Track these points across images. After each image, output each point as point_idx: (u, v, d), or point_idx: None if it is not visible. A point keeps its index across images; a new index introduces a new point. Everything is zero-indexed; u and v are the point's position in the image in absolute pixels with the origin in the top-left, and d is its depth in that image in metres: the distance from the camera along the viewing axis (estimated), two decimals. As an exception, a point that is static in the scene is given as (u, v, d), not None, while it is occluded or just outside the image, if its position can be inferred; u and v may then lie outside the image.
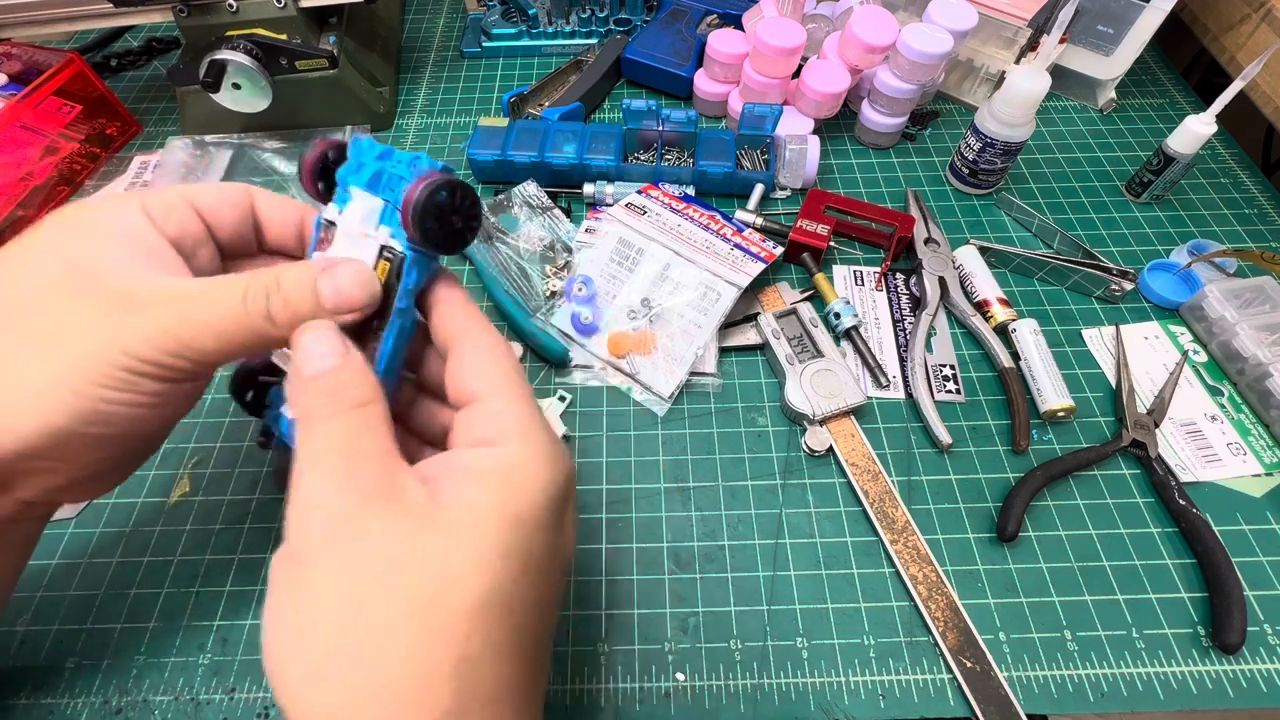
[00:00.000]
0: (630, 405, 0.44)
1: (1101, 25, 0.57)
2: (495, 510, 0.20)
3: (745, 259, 0.46)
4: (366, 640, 0.19)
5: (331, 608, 0.19)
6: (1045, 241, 0.52)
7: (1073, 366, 0.46)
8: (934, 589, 0.37)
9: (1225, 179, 0.56)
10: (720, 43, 0.57)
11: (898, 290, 0.49)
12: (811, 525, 0.39)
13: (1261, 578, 0.38)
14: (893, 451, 0.42)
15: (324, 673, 0.19)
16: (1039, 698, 0.34)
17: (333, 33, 0.57)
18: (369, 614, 0.19)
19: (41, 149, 0.54)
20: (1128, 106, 0.62)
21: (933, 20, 0.52)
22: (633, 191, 0.51)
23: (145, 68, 0.67)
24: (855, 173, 0.57)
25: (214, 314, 0.22)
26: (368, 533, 0.19)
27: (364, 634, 0.19)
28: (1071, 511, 0.40)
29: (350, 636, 0.19)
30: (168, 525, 0.39)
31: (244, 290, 0.22)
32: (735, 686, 0.35)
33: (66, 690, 0.34)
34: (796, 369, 0.43)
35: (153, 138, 0.60)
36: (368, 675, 0.18)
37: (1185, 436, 0.42)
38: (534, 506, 0.21)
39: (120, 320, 0.22)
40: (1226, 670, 0.35)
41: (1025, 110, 0.48)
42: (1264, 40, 0.55)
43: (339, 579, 0.19)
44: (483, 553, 0.20)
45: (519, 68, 0.66)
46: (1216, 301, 0.45)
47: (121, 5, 0.51)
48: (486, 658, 0.20)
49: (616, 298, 0.46)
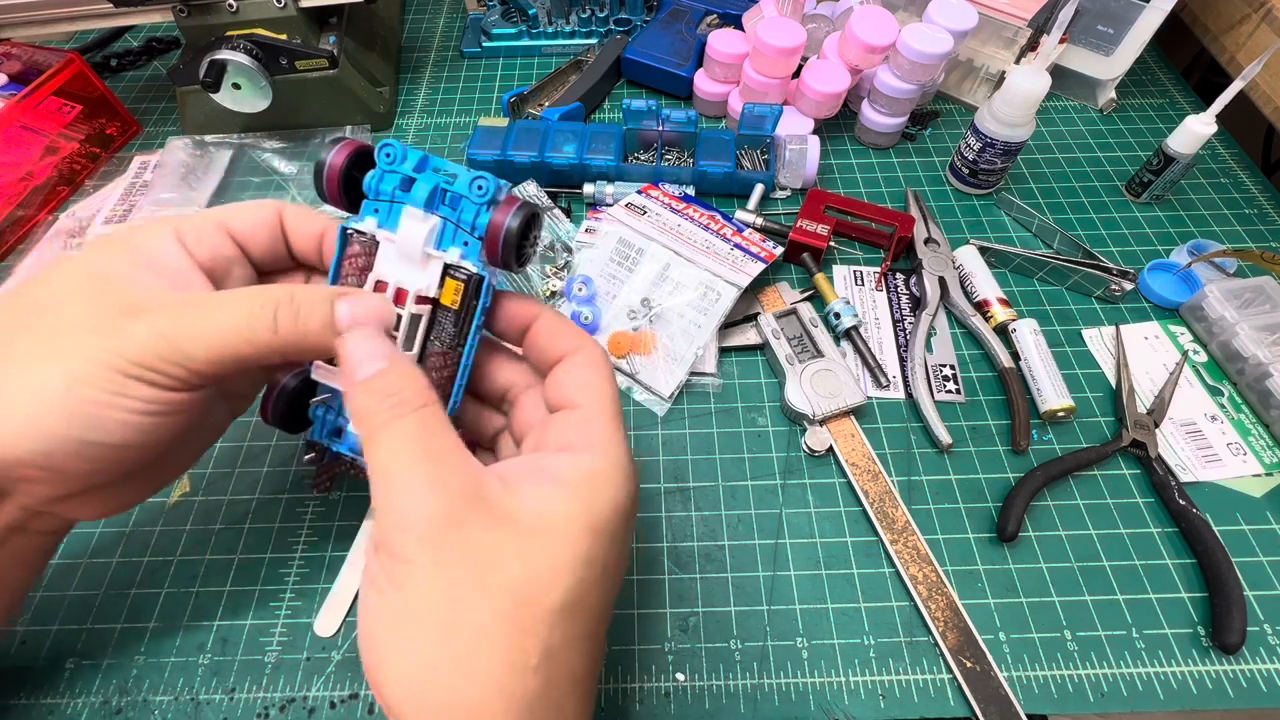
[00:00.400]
0: (630, 405, 0.44)
1: (1101, 25, 0.57)
2: (578, 518, 0.22)
3: (745, 259, 0.46)
4: (468, 636, 0.20)
5: (433, 605, 0.20)
6: (1045, 241, 0.52)
7: (1073, 366, 0.46)
8: (934, 589, 0.37)
9: (1225, 179, 0.56)
10: (720, 43, 0.57)
11: (898, 290, 0.49)
12: (811, 525, 0.39)
13: (1261, 578, 0.38)
14: (893, 451, 0.42)
15: (430, 666, 0.20)
16: (1039, 698, 0.34)
17: (333, 33, 0.57)
18: (469, 611, 0.20)
19: (41, 149, 0.54)
20: (1128, 106, 0.62)
21: (933, 20, 0.52)
22: (632, 191, 0.51)
23: (145, 68, 0.67)
24: (855, 173, 0.57)
25: (212, 321, 0.23)
26: (464, 533, 0.21)
27: (465, 630, 0.20)
28: (1071, 511, 0.40)
29: (453, 632, 0.20)
30: (168, 525, 0.39)
31: (249, 302, 0.23)
32: (735, 686, 0.35)
33: (66, 690, 0.34)
34: (796, 369, 0.43)
35: (153, 138, 0.60)
36: (471, 668, 0.20)
37: (1185, 436, 0.42)
38: (610, 517, 0.23)
39: (120, 324, 0.22)
40: (1226, 670, 0.35)
41: (1025, 110, 0.48)
42: (1264, 40, 0.55)
43: (439, 577, 0.20)
44: (567, 558, 0.21)
45: (519, 68, 0.66)
46: (1216, 301, 0.45)
47: (121, 5, 0.51)
48: (565, 651, 0.21)
49: (616, 298, 0.46)
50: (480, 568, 0.20)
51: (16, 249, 0.52)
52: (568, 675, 0.22)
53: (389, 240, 0.26)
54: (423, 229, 0.25)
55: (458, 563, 0.20)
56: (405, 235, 0.25)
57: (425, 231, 0.25)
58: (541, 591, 0.21)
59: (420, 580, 0.20)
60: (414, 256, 0.25)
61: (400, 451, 0.21)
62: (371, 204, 0.26)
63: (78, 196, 0.55)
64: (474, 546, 0.21)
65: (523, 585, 0.21)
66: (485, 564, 0.21)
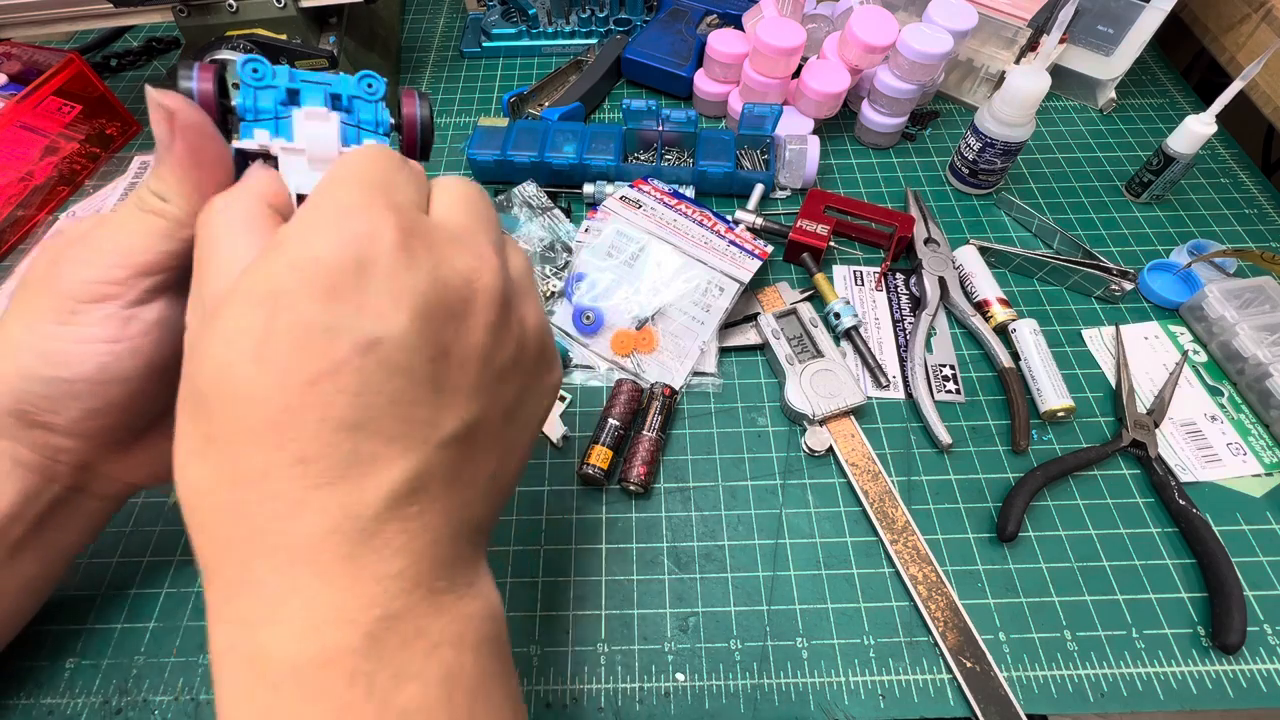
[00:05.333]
0: (630, 405, 0.44)
1: (1101, 25, 0.57)
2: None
3: (742, 255, 0.46)
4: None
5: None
6: (1045, 241, 0.52)
7: (1073, 366, 0.46)
8: (934, 589, 0.37)
9: (1225, 179, 0.56)
10: (720, 43, 0.57)
11: (898, 290, 0.49)
12: (811, 525, 0.39)
13: (1261, 578, 0.38)
14: (893, 451, 0.42)
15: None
16: (1039, 698, 0.34)
17: (333, 33, 0.57)
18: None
19: (41, 149, 0.54)
20: (1128, 106, 0.62)
21: (933, 20, 0.52)
22: (625, 186, 0.51)
23: (145, 68, 0.67)
24: (855, 173, 0.57)
25: (104, 234, 0.24)
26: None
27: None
28: (1071, 511, 0.40)
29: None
30: (168, 525, 0.39)
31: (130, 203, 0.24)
32: (735, 686, 0.35)
33: (66, 690, 0.34)
34: (796, 369, 0.43)
35: (152, 138, 0.60)
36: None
37: (1185, 436, 0.42)
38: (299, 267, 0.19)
39: (52, 270, 0.24)
40: (1226, 670, 0.35)
41: (1025, 110, 0.48)
42: (1264, 40, 0.55)
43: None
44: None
45: (519, 68, 0.66)
46: (1216, 301, 0.45)
47: (121, 5, 0.51)
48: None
49: (618, 296, 0.46)
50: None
51: (16, 249, 0.52)
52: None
53: (291, 150, 0.24)
54: (330, 127, 0.24)
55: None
56: (313, 137, 0.24)
57: (334, 128, 0.24)
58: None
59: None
60: (329, 156, 0.24)
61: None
62: (251, 125, 0.24)
63: (78, 196, 0.55)
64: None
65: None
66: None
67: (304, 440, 0.18)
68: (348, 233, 0.18)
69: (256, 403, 0.17)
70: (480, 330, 0.20)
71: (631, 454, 0.40)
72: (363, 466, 0.18)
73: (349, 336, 0.18)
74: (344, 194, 0.19)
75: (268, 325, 0.17)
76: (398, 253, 0.18)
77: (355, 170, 0.20)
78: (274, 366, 0.17)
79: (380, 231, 0.18)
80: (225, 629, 0.19)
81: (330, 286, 0.18)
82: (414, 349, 0.18)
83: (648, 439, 0.40)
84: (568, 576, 0.38)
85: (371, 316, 0.18)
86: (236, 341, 0.18)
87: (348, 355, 0.18)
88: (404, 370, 0.18)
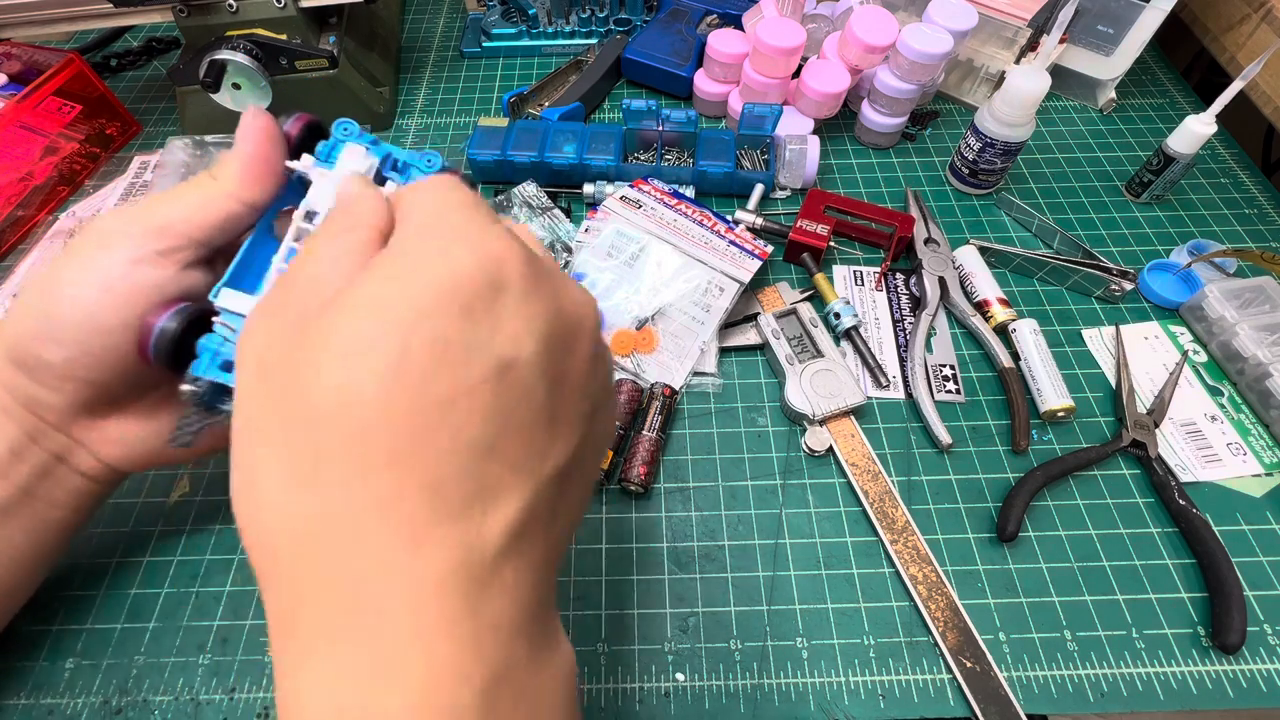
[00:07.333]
0: (630, 405, 0.44)
1: (1101, 25, 0.57)
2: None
3: (742, 255, 0.46)
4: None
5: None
6: (1045, 241, 0.52)
7: (1073, 366, 0.46)
8: (934, 589, 0.37)
9: (1225, 179, 0.56)
10: (720, 43, 0.57)
11: (898, 290, 0.49)
12: (811, 525, 0.39)
13: (1261, 578, 0.38)
14: (893, 451, 0.42)
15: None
16: (1039, 698, 0.34)
17: (333, 33, 0.57)
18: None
19: (41, 149, 0.54)
20: (1128, 106, 0.62)
21: (933, 20, 0.52)
22: (625, 186, 0.51)
23: (145, 68, 0.67)
24: (855, 173, 0.57)
25: (177, 198, 0.26)
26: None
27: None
28: (1071, 511, 0.40)
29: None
30: (168, 525, 0.39)
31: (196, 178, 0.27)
32: (735, 686, 0.35)
33: (66, 690, 0.34)
34: (796, 369, 0.43)
35: (153, 138, 0.60)
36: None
37: (1185, 436, 0.42)
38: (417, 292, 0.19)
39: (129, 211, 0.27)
40: (1226, 670, 0.35)
41: (1025, 110, 0.48)
42: (1264, 40, 0.55)
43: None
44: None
45: (519, 68, 0.66)
46: (1216, 301, 0.45)
47: (121, 5, 0.51)
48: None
49: (618, 296, 0.46)
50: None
51: (17, 249, 0.52)
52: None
53: (324, 176, 0.26)
54: (363, 162, 0.26)
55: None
56: (344, 164, 0.26)
57: (365, 164, 0.26)
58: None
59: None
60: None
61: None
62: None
63: (78, 196, 0.55)
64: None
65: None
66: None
67: (435, 464, 0.17)
68: (483, 253, 0.18)
69: (384, 424, 0.16)
70: (584, 360, 0.20)
71: (631, 454, 0.40)
72: (487, 496, 0.17)
73: (486, 356, 0.17)
74: (457, 217, 0.19)
75: (404, 342, 0.16)
76: (526, 278, 0.18)
77: (452, 195, 0.20)
78: (408, 384, 0.16)
79: (510, 255, 0.18)
80: (318, 681, 0.16)
81: (468, 306, 0.17)
82: (541, 374, 0.18)
83: (648, 439, 0.40)
84: (568, 576, 0.38)
85: (505, 338, 0.18)
86: (363, 359, 0.16)
87: (485, 375, 0.17)
88: (530, 395, 0.18)
